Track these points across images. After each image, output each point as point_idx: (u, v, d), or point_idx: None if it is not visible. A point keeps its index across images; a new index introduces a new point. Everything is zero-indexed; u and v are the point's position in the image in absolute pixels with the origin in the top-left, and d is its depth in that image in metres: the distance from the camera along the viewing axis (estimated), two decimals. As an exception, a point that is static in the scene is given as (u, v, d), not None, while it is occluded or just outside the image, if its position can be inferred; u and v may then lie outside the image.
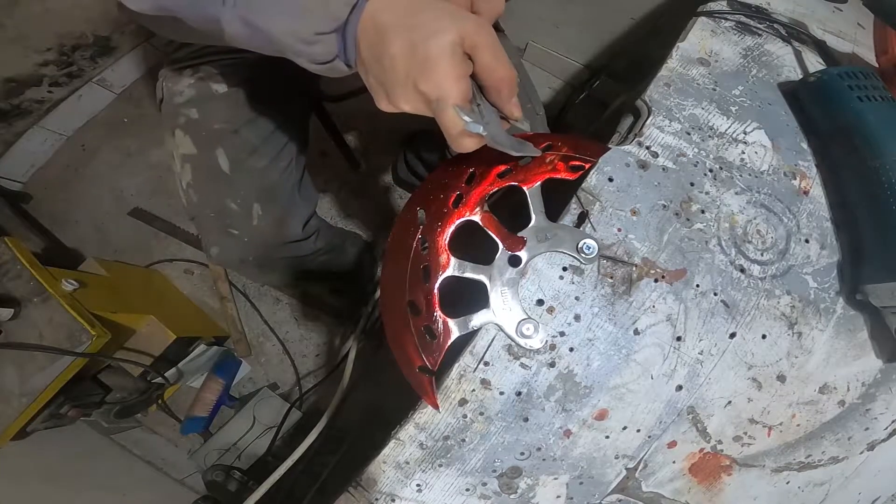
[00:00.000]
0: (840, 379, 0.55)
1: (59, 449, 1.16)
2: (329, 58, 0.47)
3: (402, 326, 0.49)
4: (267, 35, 0.47)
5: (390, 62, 0.44)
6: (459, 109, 0.43)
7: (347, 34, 0.46)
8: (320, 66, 0.48)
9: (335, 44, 0.46)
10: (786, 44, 0.69)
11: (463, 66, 0.44)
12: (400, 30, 0.43)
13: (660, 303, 0.51)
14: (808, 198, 0.58)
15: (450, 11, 0.45)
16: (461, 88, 0.44)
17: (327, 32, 0.45)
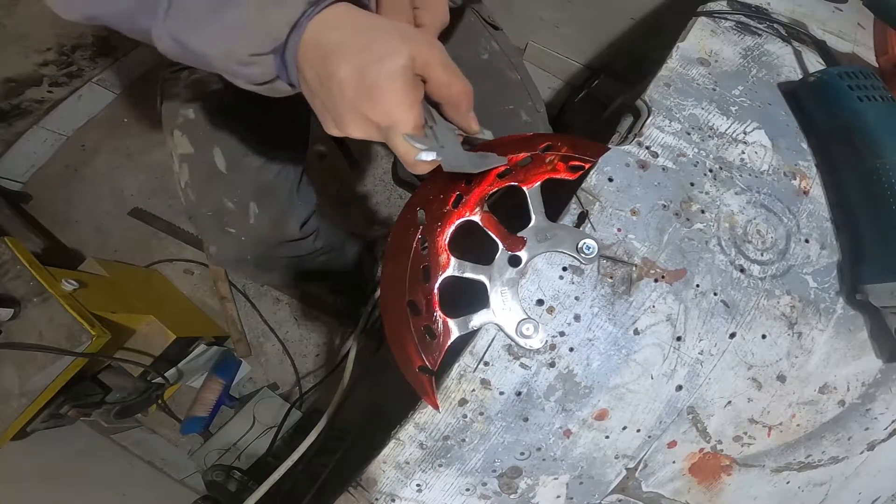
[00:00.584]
0: (840, 379, 0.55)
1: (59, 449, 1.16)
2: (268, 78, 0.45)
3: (402, 326, 0.49)
4: (198, 55, 0.44)
5: (338, 87, 0.41)
6: (411, 138, 0.41)
7: (287, 54, 0.43)
8: (259, 87, 0.46)
9: (273, 64, 0.43)
10: (786, 44, 0.69)
11: (414, 92, 0.42)
12: (347, 52, 0.41)
13: (660, 303, 0.51)
14: (808, 198, 0.58)
15: (399, 30, 0.43)
16: (413, 116, 0.42)
17: (264, 53, 0.42)
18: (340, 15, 0.42)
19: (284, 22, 0.41)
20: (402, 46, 0.41)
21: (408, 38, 0.42)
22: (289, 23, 0.41)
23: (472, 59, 0.85)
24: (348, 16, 0.43)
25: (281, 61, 0.43)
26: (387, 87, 0.40)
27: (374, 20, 0.43)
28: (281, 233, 0.86)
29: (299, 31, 0.42)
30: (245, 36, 0.42)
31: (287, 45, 0.42)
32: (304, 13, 0.41)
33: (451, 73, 0.44)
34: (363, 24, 0.42)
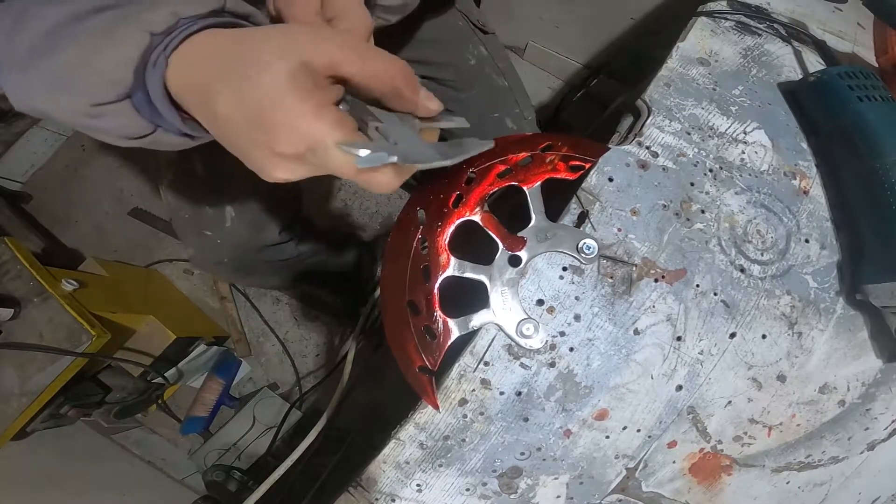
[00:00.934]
0: (840, 379, 0.55)
1: (59, 449, 1.16)
2: (140, 131, 0.37)
3: (402, 326, 0.49)
4: (42, 112, 0.38)
5: (226, 126, 0.34)
6: (348, 147, 0.31)
7: (154, 99, 0.35)
8: (137, 141, 0.38)
9: (134, 114, 0.36)
10: (786, 44, 0.69)
11: (320, 94, 0.33)
12: (218, 81, 0.33)
13: (660, 303, 0.51)
14: (808, 198, 0.58)
15: (278, 38, 0.34)
16: (330, 122, 0.32)
17: (110, 102, 0.35)
18: (204, 43, 0.35)
19: (119, 61, 0.34)
20: (277, 51, 0.32)
21: (291, 42, 0.33)
22: (127, 62, 0.33)
23: (460, 65, 0.84)
24: (216, 41, 0.35)
25: (150, 107, 0.36)
26: (275, 104, 0.31)
27: (245, 37, 0.34)
28: (259, 237, 0.85)
29: (157, 70, 0.34)
30: (74, 83, 0.35)
31: (147, 87, 0.35)
32: (152, 47, 0.34)
33: (370, 57, 0.35)
34: (232, 48, 0.34)
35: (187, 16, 0.34)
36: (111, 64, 0.34)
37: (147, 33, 0.33)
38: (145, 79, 0.34)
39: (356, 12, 0.45)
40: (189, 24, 0.34)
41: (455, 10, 0.84)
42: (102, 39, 0.34)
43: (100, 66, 0.34)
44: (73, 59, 0.34)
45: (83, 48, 0.34)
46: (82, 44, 0.34)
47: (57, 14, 0.35)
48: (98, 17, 0.35)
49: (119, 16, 0.34)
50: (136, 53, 0.33)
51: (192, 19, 0.35)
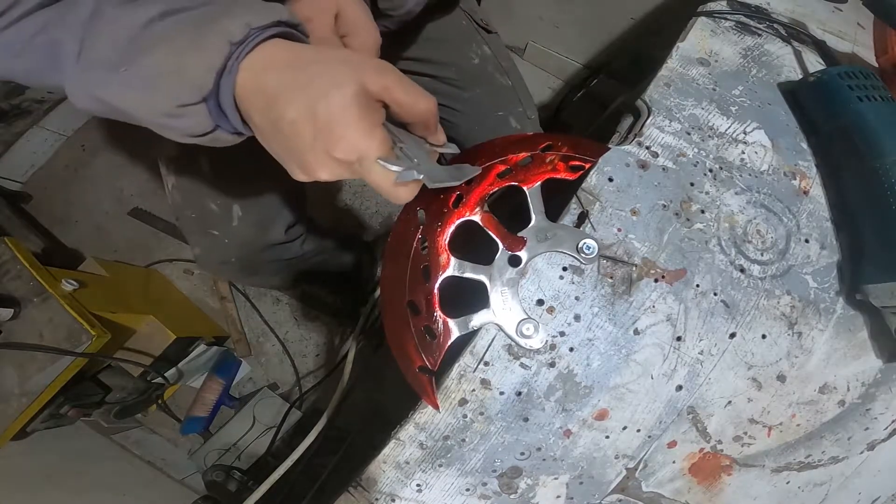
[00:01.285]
0: (840, 379, 0.55)
1: (59, 449, 1.16)
2: (205, 129, 0.41)
3: (402, 326, 0.49)
4: (120, 110, 0.41)
5: (292, 132, 0.38)
6: (384, 163, 0.38)
7: (223, 102, 0.40)
8: (198, 139, 0.43)
9: (207, 115, 0.40)
10: (786, 44, 0.69)
11: (374, 116, 0.39)
12: (291, 91, 0.38)
13: (660, 303, 0.51)
14: (808, 198, 0.58)
15: (342, 59, 0.40)
16: (377, 140, 0.38)
17: (193, 104, 0.39)
18: (273, 54, 0.39)
19: (206, 68, 0.38)
20: (348, 75, 0.38)
21: (353, 65, 0.39)
22: (212, 68, 0.38)
23: (463, 64, 0.85)
24: (283, 53, 0.40)
25: (217, 109, 0.40)
26: (342, 120, 0.37)
27: (313, 53, 0.40)
28: (265, 236, 0.85)
29: (231, 76, 0.38)
30: (166, 86, 0.38)
31: (220, 91, 0.39)
32: (231, 55, 0.38)
33: (412, 91, 0.41)
34: (301, 60, 0.39)
35: (256, 26, 0.39)
36: (201, 70, 0.37)
37: (227, 42, 0.37)
38: (220, 86, 0.39)
39: (367, 28, 0.52)
40: (258, 33, 0.39)
41: (458, 10, 0.84)
42: (191, 46, 0.38)
43: (189, 70, 0.37)
44: (165, 63, 0.38)
45: (173, 53, 0.38)
46: (171, 48, 0.38)
47: (136, 16, 0.39)
48: (179, 21, 0.39)
49: (201, 22, 0.38)
50: (220, 61, 0.37)
51: (260, 29, 0.39)
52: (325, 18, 0.49)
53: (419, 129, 0.44)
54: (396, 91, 0.40)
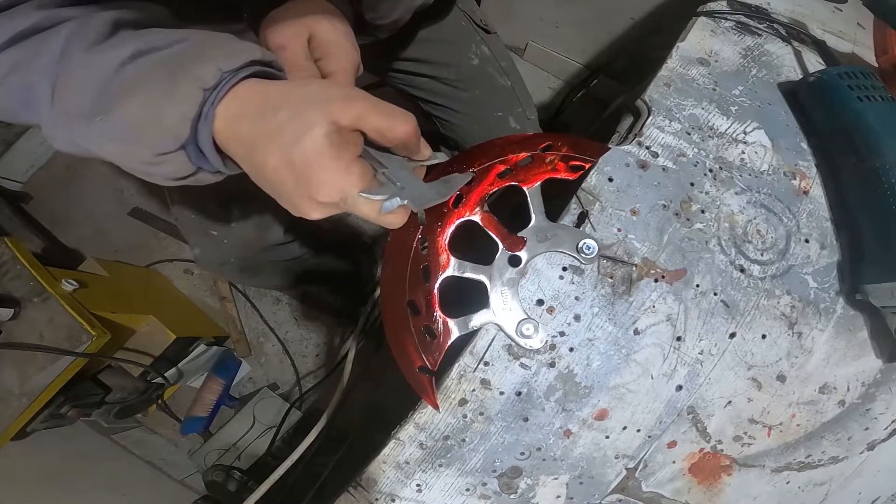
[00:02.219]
0: (840, 379, 0.55)
1: (59, 449, 1.16)
2: (187, 173, 0.41)
3: (402, 326, 0.49)
4: (100, 156, 0.41)
5: (275, 177, 0.38)
6: (367, 195, 0.38)
7: (203, 146, 0.39)
8: (181, 181, 0.43)
9: (187, 160, 0.40)
10: (786, 44, 0.69)
11: (349, 152, 0.38)
12: (266, 141, 0.37)
13: (660, 303, 0.51)
14: (808, 198, 0.58)
15: (308, 97, 0.38)
16: (357, 176, 0.38)
17: (171, 151, 0.39)
18: (246, 99, 0.39)
19: (181, 117, 0.37)
20: (316, 115, 0.37)
21: (321, 102, 0.38)
22: (186, 117, 0.37)
23: (462, 65, 0.85)
24: (254, 97, 0.39)
25: (197, 152, 0.40)
26: (318, 164, 0.37)
27: (280, 95, 0.39)
28: (264, 237, 0.85)
29: (207, 122, 0.38)
30: (142, 137, 0.38)
31: (198, 137, 0.39)
32: (205, 101, 0.37)
33: (387, 115, 0.40)
34: (271, 104, 0.38)
35: (228, 69, 0.38)
36: (176, 119, 0.37)
37: (200, 89, 0.37)
38: (197, 132, 0.38)
39: (343, 49, 0.50)
40: (230, 77, 0.38)
41: (457, 10, 0.84)
42: (164, 94, 0.37)
43: (166, 122, 0.37)
44: (140, 114, 0.37)
45: (147, 102, 0.37)
46: (145, 97, 0.37)
47: (107, 60, 0.38)
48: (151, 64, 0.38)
49: (173, 66, 0.37)
50: (194, 109, 0.37)
51: (232, 72, 0.38)
52: (298, 44, 0.48)
53: (401, 150, 0.43)
54: (370, 118, 0.39)
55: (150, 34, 0.40)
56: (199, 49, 0.39)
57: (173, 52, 0.39)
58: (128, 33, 0.40)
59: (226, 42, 0.40)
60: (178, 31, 0.41)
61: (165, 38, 0.40)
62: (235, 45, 0.40)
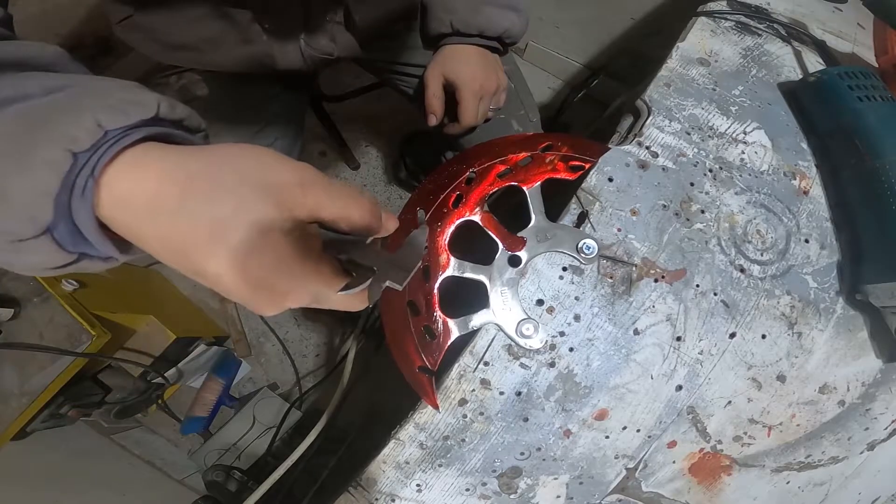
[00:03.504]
0: (840, 379, 0.55)
1: (59, 449, 1.16)
2: (62, 262, 0.30)
3: (402, 326, 0.49)
4: None
5: (218, 283, 0.29)
6: (347, 291, 0.34)
7: (82, 227, 0.28)
8: (56, 271, 0.31)
9: (56, 247, 0.28)
10: (786, 44, 0.69)
11: (314, 247, 0.32)
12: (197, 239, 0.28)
13: (659, 303, 0.51)
14: (808, 198, 0.58)
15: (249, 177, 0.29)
16: (329, 274, 0.32)
17: (29, 238, 0.27)
18: (150, 170, 0.28)
19: (37, 192, 0.26)
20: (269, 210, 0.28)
21: (271, 191, 0.29)
22: (45, 192, 0.26)
23: None
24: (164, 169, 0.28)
25: (74, 235, 0.29)
26: (281, 272, 0.30)
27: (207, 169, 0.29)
28: None
29: (85, 198, 0.27)
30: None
31: (73, 216, 0.28)
32: (78, 169, 0.27)
33: (342, 203, 0.32)
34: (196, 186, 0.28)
35: (116, 127, 0.28)
36: (28, 196, 0.26)
37: (68, 152, 0.26)
38: (71, 208, 0.27)
39: None
40: (118, 136, 0.28)
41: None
42: (14, 159, 0.26)
43: (15, 198, 0.26)
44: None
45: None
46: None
47: None
48: (10, 119, 0.27)
49: (30, 123, 0.27)
50: (57, 181, 0.26)
51: (121, 131, 0.28)
52: None
53: (363, 232, 0.35)
54: (327, 209, 0.31)
55: (30, 78, 0.30)
56: (78, 98, 0.28)
57: (46, 101, 0.28)
58: (2, 77, 0.29)
59: (118, 89, 0.30)
60: (67, 76, 0.31)
61: (45, 83, 0.29)
62: (130, 95, 0.29)
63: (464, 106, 0.72)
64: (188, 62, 0.77)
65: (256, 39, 0.69)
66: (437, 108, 0.74)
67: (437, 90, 0.74)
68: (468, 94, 0.71)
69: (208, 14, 0.67)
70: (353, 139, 1.64)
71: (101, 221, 0.29)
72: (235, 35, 0.68)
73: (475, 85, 0.71)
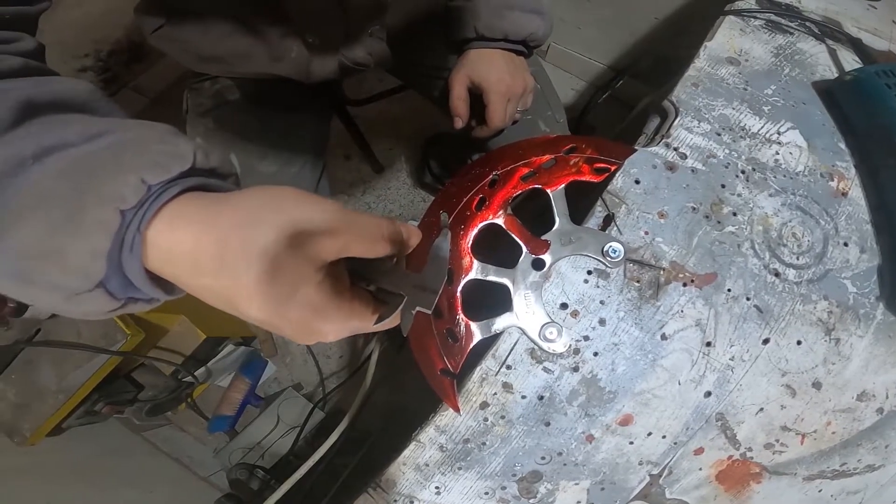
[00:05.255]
0: (879, 386, 0.53)
1: (91, 445, 1.20)
2: (112, 308, 0.31)
3: (425, 329, 0.50)
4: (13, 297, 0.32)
5: (261, 322, 0.32)
6: (381, 322, 0.36)
7: (131, 277, 0.30)
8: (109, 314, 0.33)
9: (109, 298, 0.30)
10: (819, 42, 0.67)
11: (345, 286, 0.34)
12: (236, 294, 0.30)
13: (688, 307, 0.50)
14: (847, 199, 0.56)
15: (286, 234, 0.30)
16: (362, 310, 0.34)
17: (86, 291, 0.29)
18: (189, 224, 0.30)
19: (92, 252, 0.28)
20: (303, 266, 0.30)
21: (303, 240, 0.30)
22: (99, 252, 0.28)
23: None
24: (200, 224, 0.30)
25: (124, 284, 0.30)
26: (318, 316, 0.32)
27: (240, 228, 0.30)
28: None
29: (134, 253, 0.29)
30: (43, 277, 0.29)
31: (123, 268, 0.29)
32: (126, 227, 0.28)
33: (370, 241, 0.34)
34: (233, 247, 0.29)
35: (158, 181, 0.29)
36: (83, 256, 0.28)
37: (117, 211, 0.28)
38: (121, 263, 0.29)
39: None
40: (160, 190, 0.29)
41: None
42: (67, 220, 0.27)
43: (71, 259, 0.28)
44: (37, 245, 0.28)
45: (46, 229, 0.27)
46: (43, 221, 0.27)
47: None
48: (56, 169, 0.28)
49: (76, 179, 0.28)
50: (108, 241, 0.28)
51: (163, 185, 0.29)
52: None
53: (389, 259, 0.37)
54: (354, 248, 0.33)
55: (69, 124, 0.30)
56: (118, 152, 0.29)
57: (88, 151, 0.29)
58: (41, 121, 0.30)
59: (156, 140, 0.31)
60: (104, 120, 0.32)
61: (84, 129, 0.30)
62: (168, 147, 0.31)
63: (492, 108, 0.72)
64: (220, 72, 0.79)
65: (286, 55, 0.70)
66: (463, 111, 0.74)
67: (463, 93, 0.74)
68: (495, 96, 0.71)
69: (237, 30, 0.68)
70: (376, 142, 1.66)
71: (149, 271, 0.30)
72: (264, 50, 0.70)
73: (502, 87, 0.71)
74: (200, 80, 0.82)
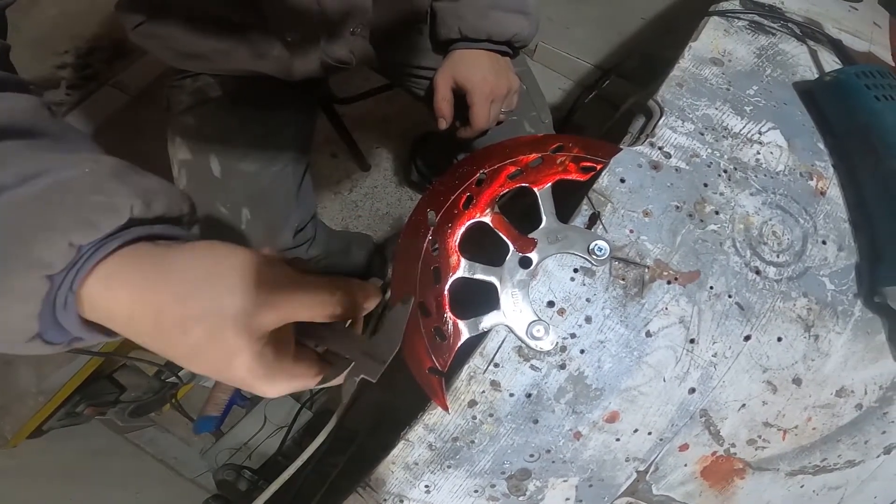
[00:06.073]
0: (857, 382, 0.54)
1: (74, 447, 1.18)
2: (59, 350, 0.32)
3: (413, 328, 0.50)
4: None
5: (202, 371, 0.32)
6: (322, 385, 0.36)
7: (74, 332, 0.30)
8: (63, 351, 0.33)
9: (45, 346, 0.30)
10: (801, 43, 0.68)
11: (286, 353, 0.34)
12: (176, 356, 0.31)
13: (672, 305, 0.51)
14: (826, 198, 0.57)
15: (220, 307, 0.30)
16: (303, 375, 0.35)
17: (23, 342, 0.29)
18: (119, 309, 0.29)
19: (22, 316, 0.28)
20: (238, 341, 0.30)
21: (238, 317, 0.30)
22: (28, 316, 0.28)
23: None
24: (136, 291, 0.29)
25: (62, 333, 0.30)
26: (258, 383, 0.32)
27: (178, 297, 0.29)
28: (273, 241, 0.85)
29: (70, 312, 0.29)
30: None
31: (62, 325, 0.29)
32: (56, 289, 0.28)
33: (314, 305, 0.34)
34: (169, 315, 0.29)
35: (87, 242, 0.28)
36: (15, 317, 0.28)
37: (44, 278, 0.27)
38: (56, 319, 0.29)
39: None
40: (91, 250, 0.28)
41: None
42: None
43: (1, 319, 0.28)
44: None
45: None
46: None
47: None
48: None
49: (6, 247, 0.27)
50: (38, 306, 0.28)
51: (94, 244, 0.28)
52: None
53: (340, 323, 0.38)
54: (299, 314, 0.33)
55: (5, 163, 0.28)
56: (49, 204, 0.28)
57: (19, 198, 0.27)
58: None
59: (90, 191, 0.29)
60: (40, 157, 0.30)
61: (17, 169, 0.28)
62: (102, 199, 0.29)
63: (475, 110, 0.72)
64: (201, 69, 0.77)
65: (268, 53, 0.70)
66: (447, 111, 0.74)
67: (447, 94, 0.74)
68: (479, 97, 0.71)
69: (218, 27, 0.67)
70: (363, 141, 1.65)
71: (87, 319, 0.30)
72: (246, 47, 0.69)
73: (486, 88, 0.71)
74: (181, 77, 0.81)
